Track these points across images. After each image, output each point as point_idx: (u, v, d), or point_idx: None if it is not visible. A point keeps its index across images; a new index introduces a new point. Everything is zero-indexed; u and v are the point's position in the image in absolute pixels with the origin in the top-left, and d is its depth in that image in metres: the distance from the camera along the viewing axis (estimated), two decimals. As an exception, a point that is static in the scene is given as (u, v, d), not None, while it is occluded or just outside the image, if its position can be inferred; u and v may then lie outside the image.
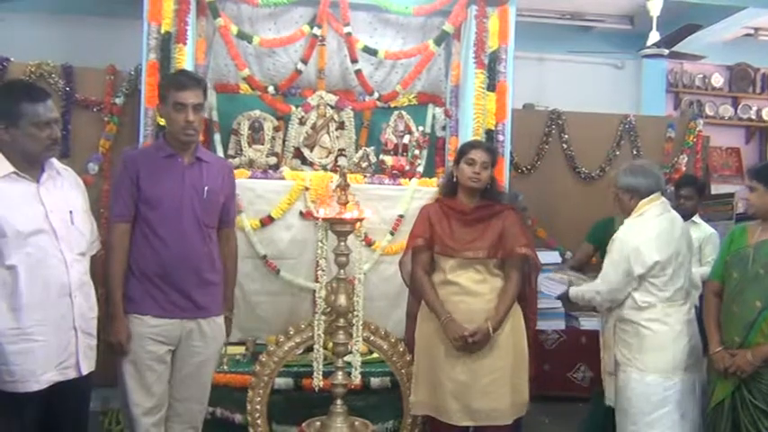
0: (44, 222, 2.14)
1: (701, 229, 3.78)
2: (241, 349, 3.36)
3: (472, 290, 2.75)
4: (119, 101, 4.00)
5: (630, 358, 2.69)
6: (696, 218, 3.82)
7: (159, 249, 2.43)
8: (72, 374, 2.19)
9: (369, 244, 3.54)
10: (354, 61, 3.81)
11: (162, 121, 3.06)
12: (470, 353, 2.69)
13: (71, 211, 2.23)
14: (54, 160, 2.26)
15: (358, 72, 3.83)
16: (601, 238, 3.25)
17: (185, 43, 3.47)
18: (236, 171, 3.52)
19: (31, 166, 2.17)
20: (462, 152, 2.85)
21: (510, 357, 2.74)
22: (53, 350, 2.13)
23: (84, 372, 2.23)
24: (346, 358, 2.82)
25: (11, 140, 2.13)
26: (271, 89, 3.81)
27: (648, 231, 2.70)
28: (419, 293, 2.85)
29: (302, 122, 3.86)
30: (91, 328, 2.28)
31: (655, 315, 2.68)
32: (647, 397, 2.64)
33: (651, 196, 2.75)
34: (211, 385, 2.63)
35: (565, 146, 4.87)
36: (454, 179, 2.85)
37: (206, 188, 2.50)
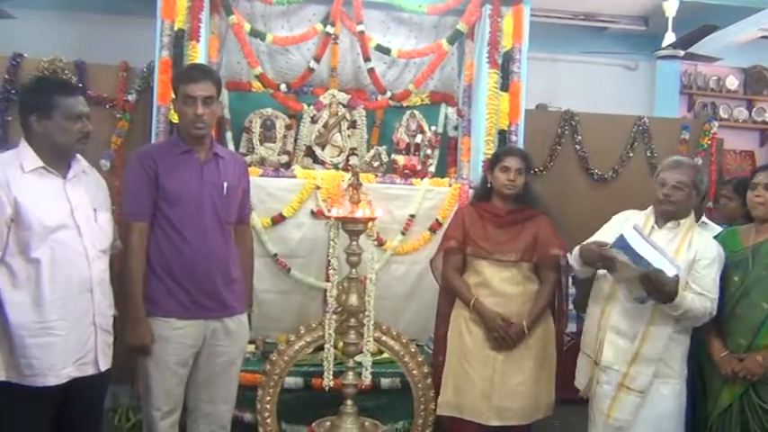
0: (69, 218, 2.15)
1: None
2: (251, 348, 3.34)
3: (505, 292, 2.75)
4: (131, 98, 3.99)
5: (681, 369, 2.58)
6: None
7: (183, 248, 2.39)
8: (90, 370, 2.19)
9: (380, 243, 3.52)
10: (367, 60, 3.79)
11: (175, 118, 3.05)
12: (504, 350, 2.71)
13: (95, 209, 2.24)
14: (80, 158, 2.27)
15: (370, 71, 3.81)
16: None
17: (198, 40, 3.46)
18: (247, 169, 3.55)
19: (59, 160, 2.18)
20: (497, 159, 2.88)
21: (539, 359, 2.77)
22: (73, 345, 2.13)
23: (102, 368, 2.23)
24: (357, 358, 2.81)
25: (43, 132, 2.14)
26: (283, 87, 3.80)
27: None
28: (451, 289, 2.86)
29: (314, 121, 3.85)
30: (109, 326, 2.28)
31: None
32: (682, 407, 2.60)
33: None
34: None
35: (578, 147, 4.81)
36: (489, 185, 2.88)
37: (225, 185, 2.48)
